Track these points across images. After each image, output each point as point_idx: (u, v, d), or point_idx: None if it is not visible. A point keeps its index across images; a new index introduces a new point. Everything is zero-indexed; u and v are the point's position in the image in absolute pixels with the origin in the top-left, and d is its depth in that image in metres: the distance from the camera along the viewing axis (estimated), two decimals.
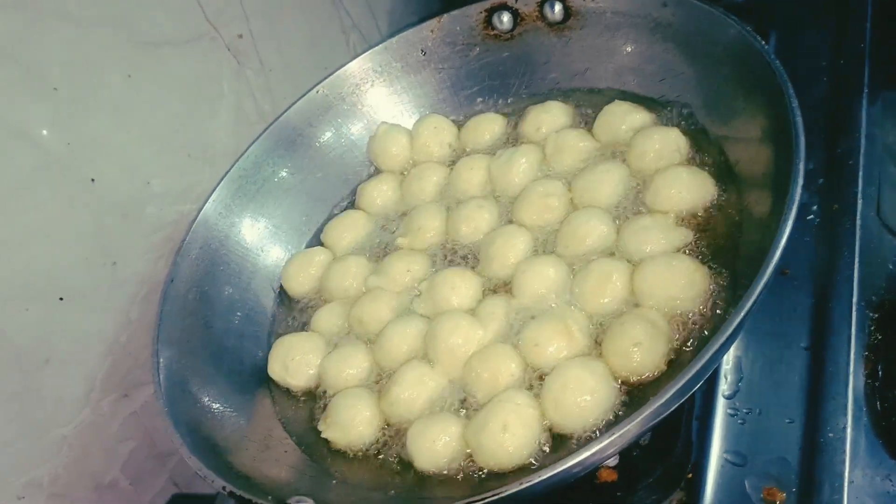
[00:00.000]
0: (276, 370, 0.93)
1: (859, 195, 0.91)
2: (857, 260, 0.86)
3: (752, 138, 0.82)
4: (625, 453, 0.78)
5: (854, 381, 0.78)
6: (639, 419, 0.60)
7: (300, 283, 1.03)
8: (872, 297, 0.84)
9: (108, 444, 0.98)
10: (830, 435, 0.75)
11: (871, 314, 0.83)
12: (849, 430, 0.75)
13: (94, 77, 0.92)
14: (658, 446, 0.80)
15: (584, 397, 0.72)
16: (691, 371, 0.61)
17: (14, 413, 0.86)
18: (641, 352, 0.74)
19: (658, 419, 0.63)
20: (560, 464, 0.60)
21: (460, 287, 0.89)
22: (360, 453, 0.83)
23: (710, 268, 0.79)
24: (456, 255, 0.96)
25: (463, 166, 1.04)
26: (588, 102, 1.05)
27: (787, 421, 0.78)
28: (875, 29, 1.08)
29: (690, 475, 0.77)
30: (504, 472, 0.73)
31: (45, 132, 0.87)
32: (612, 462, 0.78)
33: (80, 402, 0.94)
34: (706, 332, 0.75)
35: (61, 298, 0.89)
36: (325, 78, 1.12)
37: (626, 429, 0.60)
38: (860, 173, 0.93)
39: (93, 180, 0.92)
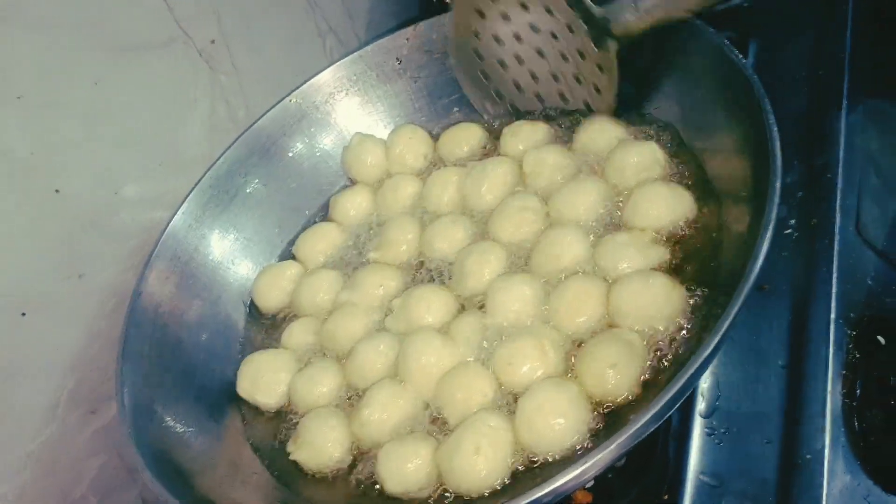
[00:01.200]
0: (245, 388, 0.91)
1: (837, 209, 0.90)
2: (835, 275, 0.85)
3: (731, 152, 0.81)
4: (600, 474, 0.77)
5: (832, 400, 0.77)
6: (613, 445, 0.59)
7: (271, 298, 1.01)
8: (851, 313, 0.83)
9: (75, 460, 0.96)
10: (808, 456, 0.74)
11: (849, 331, 0.82)
12: (827, 451, 0.74)
13: (60, 84, 0.90)
14: (634, 467, 0.79)
15: (557, 420, 0.71)
16: (667, 395, 0.60)
17: None
18: (616, 373, 0.72)
19: (634, 444, 0.61)
20: (534, 491, 0.59)
21: (434, 304, 0.86)
22: (331, 475, 0.81)
23: (687, 286, 0.78)
24: (430, 271, 0.94)
25: (435, 181, 1.02)
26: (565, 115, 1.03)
27: (765, 441, 0.77)
28: (855, 38, 1.07)
29: (666, 496, 0.76)
30: (476, 497, 0.72)
31: (9, 140, 0.85)
32: (588, 483, 0.77)
33: (47, 417, 0.92)
34: (683, 352, 0.73)
35: (24, 314, 0.87)
36: (299, 86, 1.11)
37: (599, 455, 0.59)
38: (839, 186, 0.92)
39: (57, 191, 0.90)
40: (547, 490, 0.59)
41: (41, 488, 0.92)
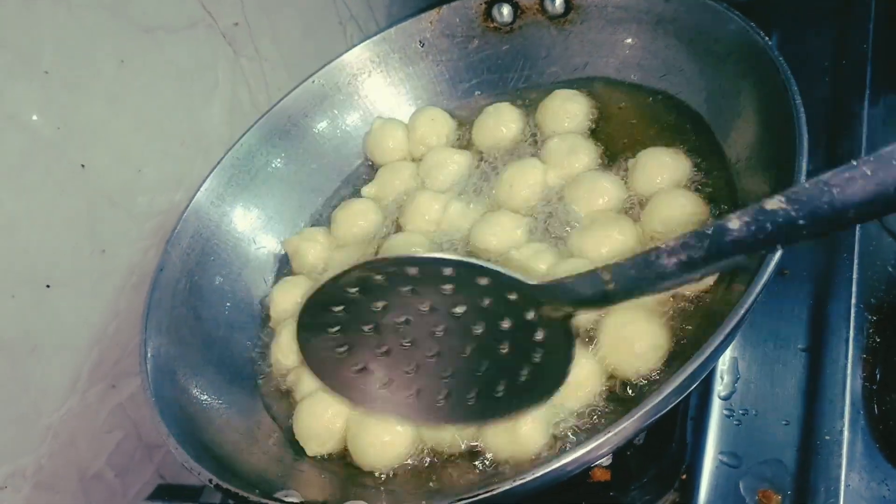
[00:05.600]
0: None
1: None
2: (856, 262, 0.85)
3: (754, 136, 0.81)
4: (619, 453, 0.78)
5: (851, 383, 0.77)
6: (634, 418, 0.59)
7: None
8: (871, 299, 0.83)
9: (94, 435, 0.96)
10: (827, 438, 0.74)
11: (869, 316, 0.82)
12: (845, 433, 0.74)
13: (86, 61, 0.91)
14: (652, 446, 0.79)
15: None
16: (689, 369, 0.60)
17: None
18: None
19: (654, 418, 0.62)
20: (555, 461, 0.59)
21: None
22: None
23: None
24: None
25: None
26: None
27: (784, 423, 0.77)
28: (878, 30, 1.08)
29: (684, 476, 0.76)
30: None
31: (35, 116, 0.85)
32: (606, 462, 0.77)
33: (67, 391, 0.92)
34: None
35: (48, 286, 0.88)
36: (322, 67, 1.11)
37: (621, 427, 0.59)
38: None
39: (83, 166, 0.91)
40: (568, 459, 0.59)
41: (60, 462, 0.92)
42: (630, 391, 0.74)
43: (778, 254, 0.63)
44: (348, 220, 1.03)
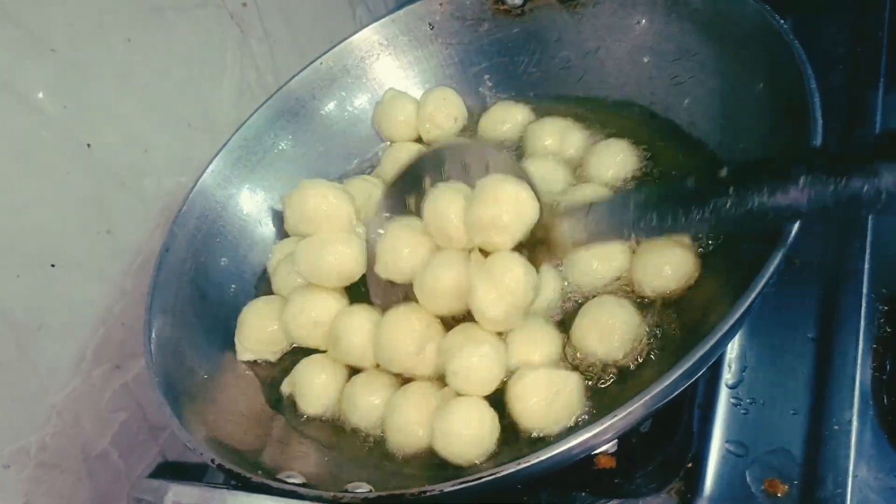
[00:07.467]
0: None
1: None
2: (868, 251, 0.85)
3: (766, 122, 0.80)
4: (624, 440, 0.76)
5: (861, 373, 0.76)
6: (640, 402, 0.58)
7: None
8: (883, 289, 0.82)
9: (98, 415, 0.96)
10: (835, 428, 0.74)
11: (881, 307, 0.81)
12: (854, 424, 0.74)
13: (94, 40, 0.90)
14: (658, 434, 0.79)
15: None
16: (697, 354, 0.59)
17: (3, 380, 0.84)
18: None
19: (661, 404, 0.61)
20: (559, 445, 0.59)
21: None
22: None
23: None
24: None
25: None
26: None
27: (792, 412, 0.77)
28: (893, 18, 1.06)
29: (690, 464, 0.76)
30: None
31: (41, 95, 0.85)
32: (612, 449, 0.77)
33: (72, 371, 0.92)
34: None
35: (53, 265, 0.88)
36: (330, 49, 1.10)
37: (627, 411, 0.58)
38: None
39: (89, 146, 0.90)
40: (573, 443, 0.59)
41: (64, 441, 0.92)
42: None
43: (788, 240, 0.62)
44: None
